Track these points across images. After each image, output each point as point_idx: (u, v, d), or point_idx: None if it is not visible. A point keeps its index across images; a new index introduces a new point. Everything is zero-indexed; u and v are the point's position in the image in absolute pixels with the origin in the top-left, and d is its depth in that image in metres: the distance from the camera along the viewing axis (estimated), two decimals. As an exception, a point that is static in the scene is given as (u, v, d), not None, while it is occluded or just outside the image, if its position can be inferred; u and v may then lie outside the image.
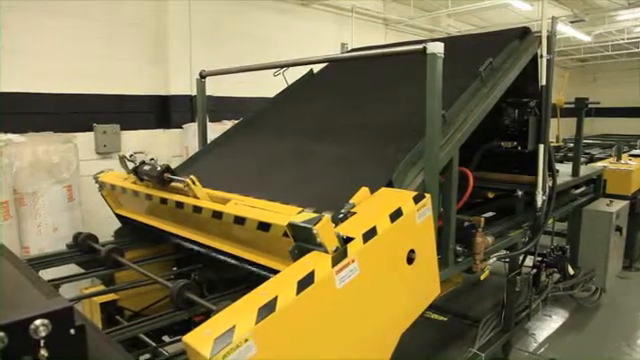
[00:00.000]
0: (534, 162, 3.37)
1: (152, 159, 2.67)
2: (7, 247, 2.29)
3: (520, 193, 3.57)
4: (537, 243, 3.57)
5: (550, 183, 3.51)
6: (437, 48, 2.22)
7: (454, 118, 2.63)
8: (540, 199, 3.40)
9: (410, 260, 2.04)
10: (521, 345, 4.17)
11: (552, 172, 3.52)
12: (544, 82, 3.28)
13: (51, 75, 4.76)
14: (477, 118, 2.75)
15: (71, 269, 2.79)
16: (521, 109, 3.46)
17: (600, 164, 5.59)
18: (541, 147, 3.36)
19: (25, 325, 1.07)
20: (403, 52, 2.46)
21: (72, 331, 1.15)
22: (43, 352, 1.09)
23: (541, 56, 3.22)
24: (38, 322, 1.08)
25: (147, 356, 2.07)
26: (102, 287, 2.73)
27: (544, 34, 3.19)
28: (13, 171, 3.84)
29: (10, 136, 4.13)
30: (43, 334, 1.09)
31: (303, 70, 3.99)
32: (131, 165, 2.78)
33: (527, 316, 3.99)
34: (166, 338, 2.37)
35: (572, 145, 5.64)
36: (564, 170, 4.44)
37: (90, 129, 5.14)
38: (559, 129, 8.67)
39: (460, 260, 2.75)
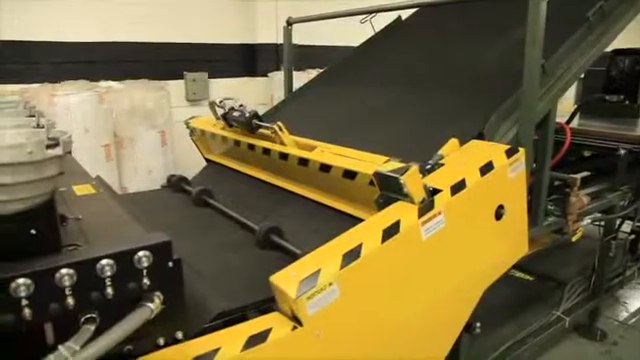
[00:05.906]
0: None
1: (241, 105, 2.71)
2: (111, 186, 2.48)
3: (623, 151, 3.29)
4: (639, 207, 3.31)
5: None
6: (541, -10, 2.04)
7: (555, 68, 2.42)
8: (647, 159, 3.12)
9: (499, 216, 1.97)
10: (610, 313, 3.94)
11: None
12: (664, 28, 2.94)
13: (146, 25, 4.95)
14: (581, 68, 2.53)
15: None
16: (633, 59, 3.13)
17: None
18: (653, 102, 3.06)
19: (130, 256, 1.16)
20: (502, -5, 2.29)
21: (170, 264, 1.23)
22: (145, 280, 1.18)
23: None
24: (141, 253, 1.17)
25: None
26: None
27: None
28: (114, 116, 4.11)
29: (110, 83, 4.40)
30: (145, 264, 1.17)
31: (391, 17, 3.84)
32: (220, 111, 2.86)
33: (619, 283, 3.76)
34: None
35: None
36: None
37: (181, 77, 5.33)
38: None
39: (551, 220, 2.62)
